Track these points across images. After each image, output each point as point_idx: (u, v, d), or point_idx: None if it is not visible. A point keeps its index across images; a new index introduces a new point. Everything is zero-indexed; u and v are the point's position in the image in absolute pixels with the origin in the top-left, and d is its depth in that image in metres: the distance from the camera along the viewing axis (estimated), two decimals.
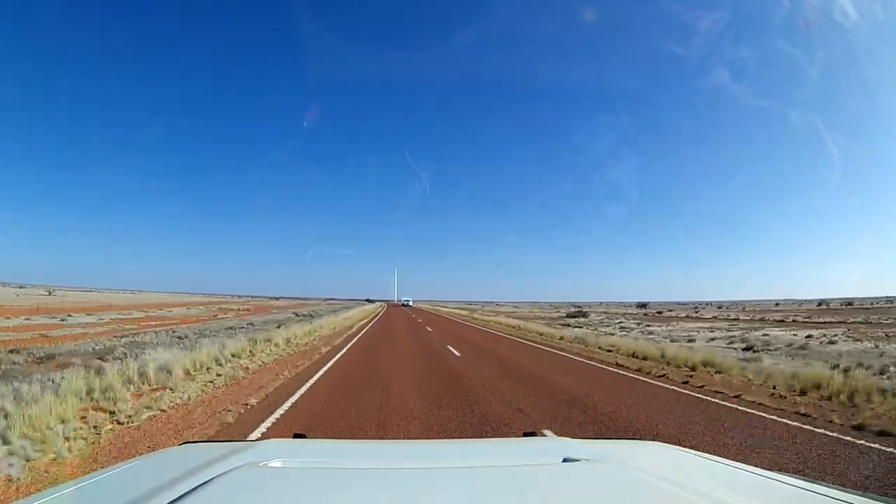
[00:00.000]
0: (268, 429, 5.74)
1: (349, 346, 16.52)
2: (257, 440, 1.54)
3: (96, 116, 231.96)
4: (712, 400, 7.63)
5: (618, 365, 11.97)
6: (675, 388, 8.82)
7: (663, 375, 10.20)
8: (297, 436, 1.73)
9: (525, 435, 2.00)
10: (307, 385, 8.59)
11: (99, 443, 5.01)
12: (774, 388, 8.13)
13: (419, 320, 37.52)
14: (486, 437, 5.22)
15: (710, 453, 1.44)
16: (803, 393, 7.65)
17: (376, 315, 47.00)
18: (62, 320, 27.79)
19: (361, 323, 31.99)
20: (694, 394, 8.20)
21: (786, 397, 7.57)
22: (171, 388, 7.47)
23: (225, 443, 1.73)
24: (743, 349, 16.14)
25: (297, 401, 7.28)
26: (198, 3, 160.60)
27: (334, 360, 12.47)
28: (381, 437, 5.30)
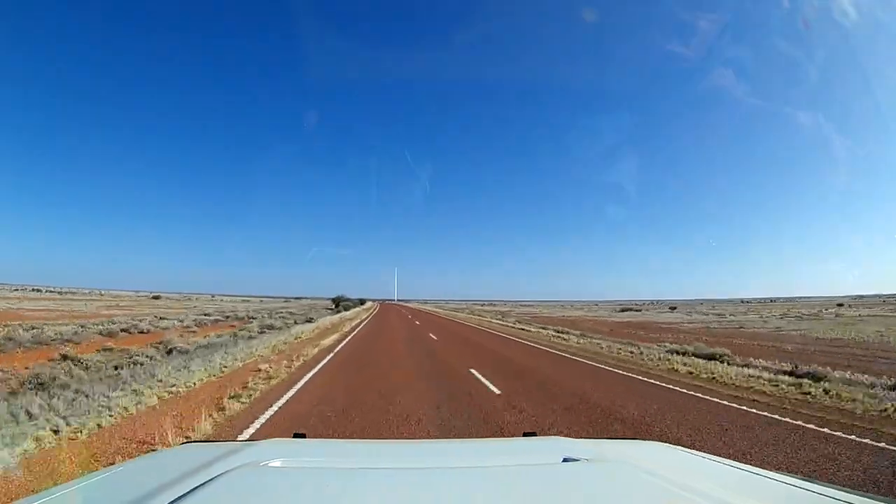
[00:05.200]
0: None
1: None
2: (257, 440, 1.54)
3: (96, 117, 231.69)
4: None
5: None
6: None
7: None
8: (297, 436, 1.73)
9: (525, 435, 2.00)
10: None
11: None
12: None
13: None
14: None
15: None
16: None
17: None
18: None
19: None
20: None
21: None
22: None
23: (225, 443, 1.73)
24: None
25: None
26: (198, 4, 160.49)
27: None
28: None
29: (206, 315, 39.34)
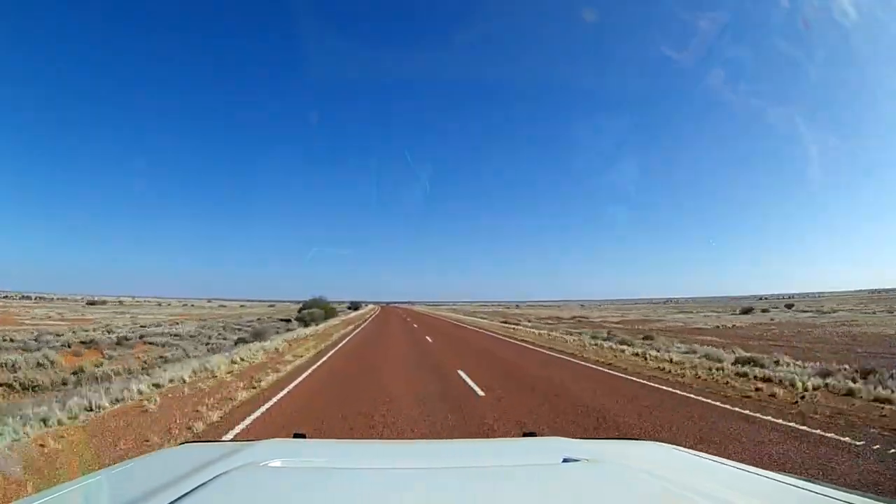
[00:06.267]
0: None
1: None
2: (257, 440, 1.54)
3: (96, 119, 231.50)
4: None
5: None
6: None
7: None
8: (297, 436, 1.73)
9: (525, 435, 1.99)
10: None
11: None
12: None
13: None
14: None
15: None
16: None
17: None
18: None
19: None
20: None
21: None
22: None
23: (225, 443, 1.73)
24: None
25: None
26: (198, 4, 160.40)
27: None
28: None
29: None
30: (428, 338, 22.08)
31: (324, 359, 14.23)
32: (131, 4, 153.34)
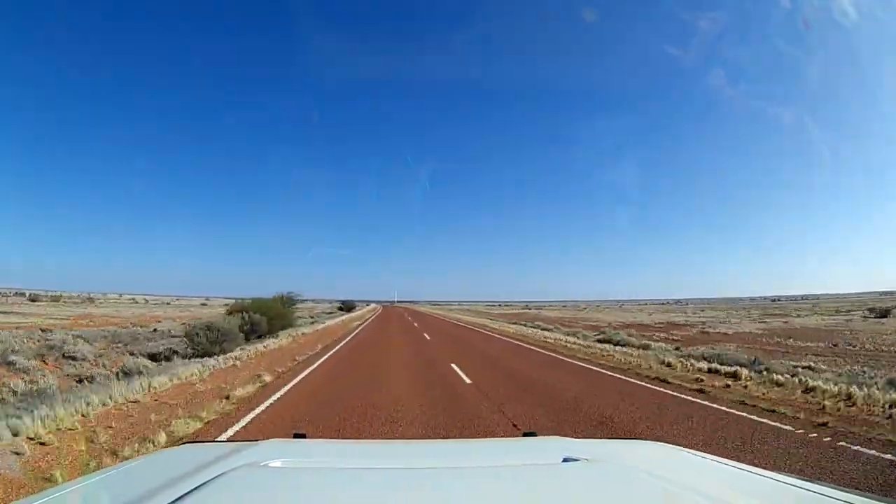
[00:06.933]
0: None
1: None
2: (257, 440, 1.55)
3: (96, 119, 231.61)
4: None
5: None
6: None
7: None
8: (297, 436, 1.73)
9: (525, 435, 1.99)
10: None
11: None
12: None
13: None
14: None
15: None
16: None
17: None
18: None
19: None
20: None
21: None
22: None
23: (225, 443, 1.74)
24: None
25: None
26: (199, 5, 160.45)
27: None
28: None
29: None
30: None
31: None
32: (131, 4, 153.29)
